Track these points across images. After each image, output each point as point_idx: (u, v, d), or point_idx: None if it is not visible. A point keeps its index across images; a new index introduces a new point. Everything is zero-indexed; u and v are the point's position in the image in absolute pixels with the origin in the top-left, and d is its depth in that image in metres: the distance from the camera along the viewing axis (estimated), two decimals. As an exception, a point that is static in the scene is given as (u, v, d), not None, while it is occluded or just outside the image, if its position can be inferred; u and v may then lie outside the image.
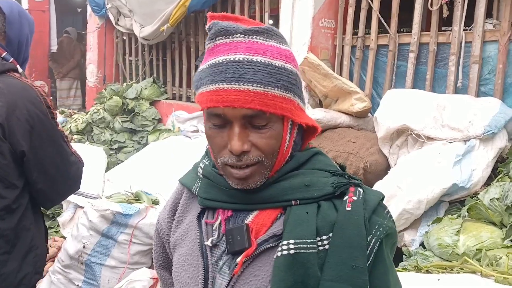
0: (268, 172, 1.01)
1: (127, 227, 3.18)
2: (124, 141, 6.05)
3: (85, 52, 8.05)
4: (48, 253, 2.16)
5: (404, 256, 2.68)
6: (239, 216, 1.05)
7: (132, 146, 6.01)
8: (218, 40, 1.00)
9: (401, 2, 3.87)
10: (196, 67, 5.59)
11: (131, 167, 4.68)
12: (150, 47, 6.53)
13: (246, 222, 1.03)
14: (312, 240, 0.95)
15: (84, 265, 3.19)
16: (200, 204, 1.10)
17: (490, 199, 2.38)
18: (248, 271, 1.00)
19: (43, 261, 2.05)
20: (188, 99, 6.12)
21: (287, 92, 0.99)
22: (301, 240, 0.95)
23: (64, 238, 3.67)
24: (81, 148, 4.67)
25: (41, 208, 2.10)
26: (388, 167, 3.21)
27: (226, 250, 1.04)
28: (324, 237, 0.97)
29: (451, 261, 2.30)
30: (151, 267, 3.33)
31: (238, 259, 1.00)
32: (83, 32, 8.99)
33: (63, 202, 3.93)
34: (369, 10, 4.03)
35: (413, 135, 3.09)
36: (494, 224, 2.39)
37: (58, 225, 4.01)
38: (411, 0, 3.78)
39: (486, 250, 2.19)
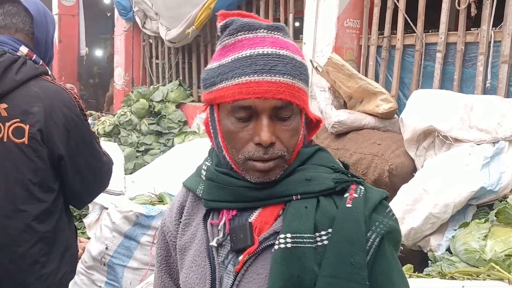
0: (286, 166, 1.03)
1: (150, 229, 3.18)
2: (150, 143, 6.10)
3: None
4: (78, 252, 2.21)
5: (429, 261, 2.60)
6: (243, 215, 1.06)
7: (158, 148, 6.05)
8: (240, 35, 1.02)
9: (427, 1, 3.79)
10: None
11: (156, 169, 4.71)
12: (176, 50, 6.57)
13: (249, 220, 1.04)
14: (309, 235, 0.96)
15: (106, 267, 3.21)
16: (205, 206, 1.11)
17: (520, 203, 2.29)
18: (252, 269, 1.01)
19: (76, 260, 2.11)
20: (213, 102, 6.12)
21: (305, 85, 1.03)
22: (298, 234, 0.96)
23: (90, 239, 3.70)
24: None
25: (73, 208, 2.15)
26: (414, 169, 3.12)
27: (230, 248, 1.05)
28: (323, 232, 0.98)
29: (477, 267, 2.22)
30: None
31: (241, 257, 1.01)
32: (112, 36, 9.11)
33: (89, 204, 3.97)
34: (395, 9, 3.95)
35: (440, 136, 3.00)
36: (524, 229, 2.30)
37: (84, 227, 4.05)
38: (438, -1, 3.69)
39: (515, 256, 2.10)
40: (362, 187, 1.02)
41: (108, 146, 4.76)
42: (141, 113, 6.26)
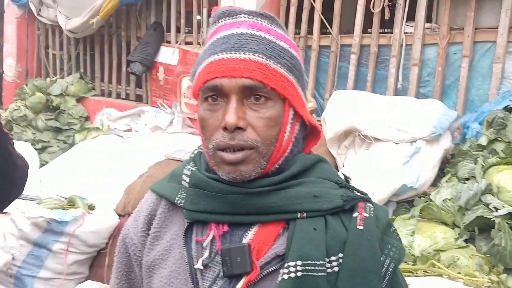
0: (264, 163, 0.90)
1: (63, 235, 2.94)
2: (48, 141, 5.67)
3: None
4: None
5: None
6: (236, 232, 0.92)
7: (58, 146, 5.64)
8: (221, 22, 0.96)
9: (343, 3, 3.90)
10: (128, 62, 5.33)
11: (58, 169, 4.37)
12: (77, 41, 6.16)
13: (245, 240, 0.91)
14: (321, 262, 0.86)
15: (13, 278, 2.91)
16: (187, 218, 0.95)
17: (443, 200, 2.43)
18: None
19: None
20: (118, 96, 5.84)
21: (289, 73, 0.92)
22: (309, 262, 0.85)
23: (-12, 248, 3.33)
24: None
25: None
26: (336, 168, 3.20)
27: (221, 273, 0.91)
28: (333, 258, 0.88)
29: (406, 262, 2.31)
30: (89, 277, 3.11)
31: (239, 286, 0.88)
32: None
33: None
34: (312, 10, 4.02)
35: (361, 136, 3.11)
36: (446, 224, 2.44)
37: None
38: (354, 2, 3.81)
39: (442, 251, 2.22)
40: (371, 205, 0.93)
41: (21, 147, 4.34)
42: (38, 107, 5.78)
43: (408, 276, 1.93)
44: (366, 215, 0.90)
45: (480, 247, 2.15)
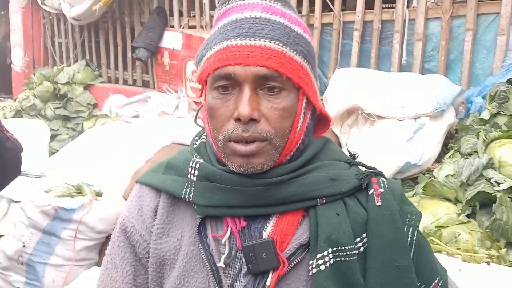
0: (277, 155, 0.88)
1: (71, 222, 2.98)
2: (57, 129, 5.72)
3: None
4: None
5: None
6: (254, 226, 0.90)
7: (67, 134, 5.70)
8: (232, 3, 0.90)
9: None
10: (133, 48, 5.33)
11: (67, 157, 4.41)
12: (82, 28, 6.16)
13: (265, 233, 0.88)
14: (351, 247, 0.86)
15: (25, 266, 2.97)
16: (199, 214, 0.91)
17: (445, 176, 2.41)
18: None
19: None
20: (125, 82, 5.85)
21: (304, 61, 0.88)
22: (339, 248, 0.85)
23: (1, 236, 3.40)
24: (19, 123, 4.40)
25: None
26: (339, 146, 3.19)
27: (243, 269, 0.89)
28: (358, 239, 0.88)
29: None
30: (99, 263, 3.16)
31: (268, 282, 0.86)
32: (2, 12, 8.36)
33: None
34: (313, -13, 3.97)
35: (364, 114, 3.08)
36: (449, 200, 2.42)
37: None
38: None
39: (444, 227, 2.21)
40: (383, 179, 0.93)
41: (31, 124, 4.41)
42: (46, 96, 5.84)
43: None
44: (382, 190, 0.90)
45: (482, 222, 2.14)
